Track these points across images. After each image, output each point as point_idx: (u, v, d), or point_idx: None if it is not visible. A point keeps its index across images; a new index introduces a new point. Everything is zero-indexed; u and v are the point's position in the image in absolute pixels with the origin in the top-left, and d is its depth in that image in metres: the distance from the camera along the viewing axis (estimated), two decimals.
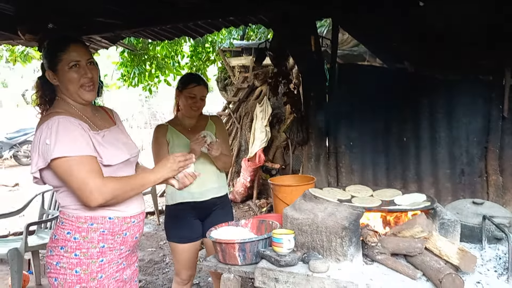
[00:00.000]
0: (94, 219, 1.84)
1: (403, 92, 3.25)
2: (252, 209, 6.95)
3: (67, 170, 1.74)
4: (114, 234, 1.88)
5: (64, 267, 1.83)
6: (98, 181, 1.75)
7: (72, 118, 1.82)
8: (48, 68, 1.88)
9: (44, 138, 1.75)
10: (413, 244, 1.86)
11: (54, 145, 1.72)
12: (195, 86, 2.75)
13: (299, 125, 3.50)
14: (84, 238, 1.83)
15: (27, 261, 4.28)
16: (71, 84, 1.86)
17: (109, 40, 4.51)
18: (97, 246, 1.85)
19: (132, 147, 2.05)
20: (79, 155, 1.74)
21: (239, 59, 8.10)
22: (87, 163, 1.76)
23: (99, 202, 1.76)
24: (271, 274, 1.89)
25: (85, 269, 1.83)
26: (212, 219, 2.79)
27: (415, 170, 3.30)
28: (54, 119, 1.78)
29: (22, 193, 8.69)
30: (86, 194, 1.75)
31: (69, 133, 1.76)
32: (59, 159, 1.73)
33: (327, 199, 2.14)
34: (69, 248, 1.83)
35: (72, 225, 1.83)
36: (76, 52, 1.86)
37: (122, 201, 1.85)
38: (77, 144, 1.76)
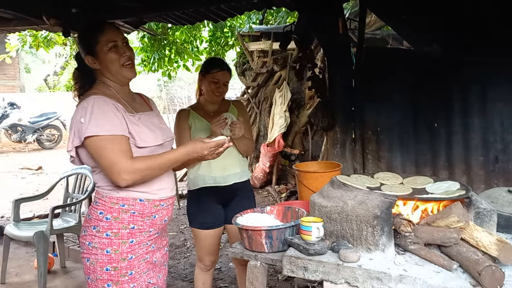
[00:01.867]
0: (125, 200, 1.87)
1: (433, 75, 3.14)
2: (271, 194, 6.94)
3: (98, 148, 1.78)
4: (144, 216, 1.91)
5: (95, 247, 1.86)
6: (127, 162, 1.77)
7: (108, 98, 1.85)
8: (87, 54, 1.90)
9: (80, 116, 1.79)
10: (449, 234, 1.80)
11: (88, 123, 1.76)
12: (218, 71, 2.71)
13: (324, 110, 3.44)
14: (115, 218, 1.86)
15: (52, 244, 4.35)
16: (112, 65, 1.89)
17: (131, 25, 4.49)
18: (127, 227, 1.87)
19: (167, 132, 2.06)
20: (111, 134, 1.77)
21: (258, 43, 8.02)
22: (118, 142, 1.79)
23: (127, 182, 1.80)
24: (299, 262, 1.85)
25: (115, 249, 1.86)
26: (235, 205, 2.77)
27: (446, 157, 3.21)
28: (89, 98, 1.82)
29: (45, 176, 8.85)
30: (115, 174, 1.78)
31: (103, 112, 1.79)
32: (92, 138, 1.76)
33: (356, 186, 2.08)
34: (101, 228, 1.86)
35: (104, 206, 1.87)
36: (112, 33, 1.90)
37: (151, 179, 1.88)
38: (110, 123, 1.78)
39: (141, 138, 1.86)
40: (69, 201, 4.20)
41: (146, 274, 1.96)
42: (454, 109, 3.18)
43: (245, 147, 2.79)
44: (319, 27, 3.33)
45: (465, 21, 3.06)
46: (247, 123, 2.90)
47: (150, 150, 1.89)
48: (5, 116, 12.15)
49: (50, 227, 3.70)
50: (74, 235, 4.39)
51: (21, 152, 12.29)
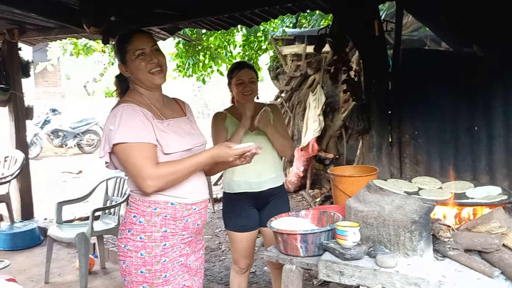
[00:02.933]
0: (157, 204, 1.90)
1: (473, 77, 3.05)
2: (305, 199, 6.90)
3: (125, 155, 1.84)
4: (176, 220, 1.93)
5: (130, 250, 1.90)
6: (151, 169, 1.81)
7: (137, 106, 1.90)
8: (120, 63, 1.99)
9: (109, 124, 1.86)
10: (490, 240, 1.75)
11: (116, 131, 1.82)
12: (239, 71, 2.76)
13: (360, 114, 3.40)
14: (148, 222, 1.90)
15: (92, 245, 4.48)
16: (140, 72, 1.95)
17: (167, 31, 4.59)
18: (160, 231, 1.91)
19: (198, 137, 2.08)
20: (137, 141, 1.82)
21: (292, 47, 8.01)
22: (144, 150, 1.83)
23: (152, 189, 1.84)
24: (335, 267, 1.84)
25: (149, 252, 1.89)
26: (269, 209, 2.78)
27: (486, 161, 3.10)
28: (119, 107, 1.89)
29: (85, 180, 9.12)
30: (140, 181, 1.83)
31: (131, 120, 1.84)
32: (119, 145, 1.83)
33: (393, 191, 2.06)
34: (135, 231, 1.90)
35: (138, 209, 1.92)
36: (139, 41, 1.95)
37: (178, 184, 1.90)
38: (136, 131, 1.84)
39: (167, 145, 1.89)
40: (109, 203, 4.31)
41: (181, 276, 1.98)
42: (496, 111, 3.07)
43: (281, 146, 2.80)
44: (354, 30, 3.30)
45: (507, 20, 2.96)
46: (282, 125, 2.92)
47: (178, 156, 1.91)
48: (47, 122, 12.60)
49: (91, 229, 3.81)
50: (114, 236, 4.50)
51: (62, 156, 12.69)
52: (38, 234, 5.10)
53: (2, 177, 5.30)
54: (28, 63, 5.65)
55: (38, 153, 11.85)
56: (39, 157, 11.78)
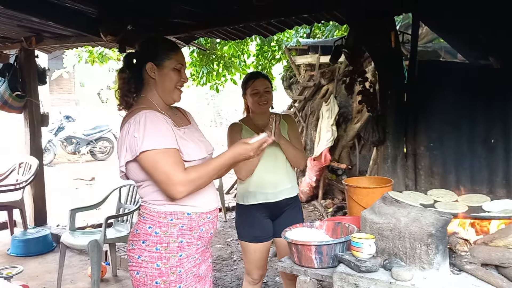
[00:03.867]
0: (173, 215, 1.89)
1: (490, 89, 3.02)
2: (317, 209, 6.87)
3: (154, 163, 1.80)
4: (192, 230, 1.93)
5: (145, 261, 1.89)
6: (182, 174, 1.80)
7: (158, 112, 1.90)
8: (151, 61, 1.95)
9: (133, 131, 1.82)
10: (507, 254, 1.73)
11: (142, 138, 1.79)
12: (254, 81, 2.76)
13: (375, 125, 3.38)
14: (164, 232, 1.89)
15: (104, 253, 4.49)
16: (170, 83, 1.97)
17: (183, 40, 4.63)
18: (177, 241, 1.90)
19: (208, 145, 2.10)
20: (165, 147, 1.81)
21: (305, 57, 8.03)
22: (172, 156, 1.82)
23: (182, 194, 1.82)
24: (350, 279, 1.83)
25: (165, 263, 1.88)
26: (283, 219, 2.77)
27: (503, 174, 3.06)
28: (141, 113, 1.85)
29: (97, 187, 9.18)
30: (171, 187, 1.81)
31: (156, 127, 1.83)
32: (147, 152, 1.79)
33: (409, 203, 2.04)
34: (150, 242, 1.89)
35: (153, 220, 1.90)
36: (182, 57, 2.01)
37: (201, 189, 1.90)
38: (163, 137, 1.83)
39: (187, 152, 1.89)
40: (121, 211, 4.33)
41: (194, 287, 1.98)
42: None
43: (294, 158, 2.79)
44: (370, 41, 3.30)
45: None
46: (296, 134, 2.92)
47: (195, 163, 1.91)
48: (61, 129, 12.74)
49: (104, 237, 3.82)
50: (126, 244, 4.50)
51: (75, 163, 12.81)
52: (51, 240, 5.14)
53: (17, 183, 5.36)
54: (45, 71, 5.73)
55: (52, 160, 11.97)
56: (52, 163, 11.89)
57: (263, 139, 1.92)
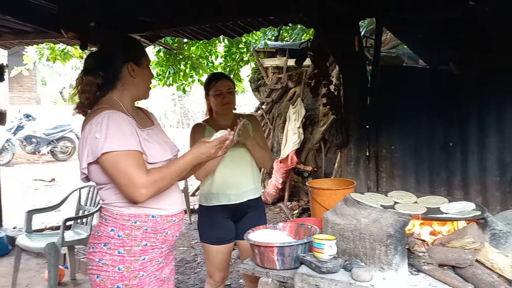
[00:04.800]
0: (137, 217, 1.84)
1: (449, 94, 3.12)
2: (283, 211, 6.89)
3: (115, 164, 1.75)
4: (157, 233, 1.89)
5: (107, 264, 1.83)
6: (144, 177, 1.75)
7: (122, 113, 1.84)
8: (132, 60, 1.92)
9: (94, 132, 1.76)
10: (463, 255, 1.77)
11: (104, 139, 1.73)
12: (217, 82, 2.74)
13: (339, 127, 3.43)
14: (127, 236, 1.83)
15: (62, 256, 4.36)
16: (146, 82, 2.00)
17: (148, 39, 4.55)
18: (140, 244, 1.85)
19: (173, 146, 2.05)
20: (127, 149, 1.76)
21: (273, 60, 8.07)
22: (135, 158, 1.77)
23: (145, 197, 1.78)
24: (311, 280, 1.83)
25: (127, 266, 1.83)
26: (246, 221, 2.75)
27: (461, 177, 3.16)
28: (104, 113, 1.79)
29: (58, 188, 8.92)
30: (133, 190, 1.76)
31: (119, 128, 1.77)
32: (108, 154, 1.74)
33: (370, 204, 2.06)
34: (112, 245, 1.83)
35: (116, 223, 1.84)
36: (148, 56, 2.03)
37: (164, 191, 1.86)
38: (126, 139, 1.77)
39: (151, 154, 1.85)
40: (81, 213, 4.22)
41: None
42: (470, 128, 3.14)
43: (261, 158, 2.78)
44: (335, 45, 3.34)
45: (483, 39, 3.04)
46: (262, 136, 2.91)
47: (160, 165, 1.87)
48: (20, 128, 12.32)
49: (62, 239, 3.71)
50: (85, 247, 4.38)
51: (35, 163, 12.43)
52: (6, 243, 4.95)
53: None
54: (2, 67, 5.50)
55: (10, 160, 11.58)
56: (10, 163, 11.52)
57: (223, 136, 1.91)
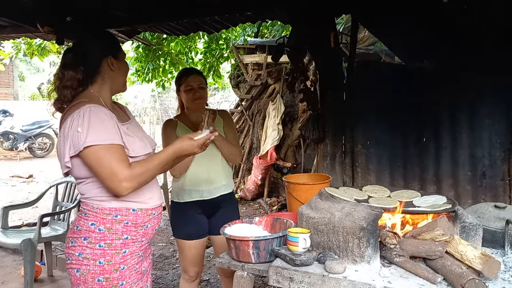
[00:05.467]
0: (118, 211, 1.85)
1: (423, 91, 3.17)
2: (262, 207, 6.92)
3: (98, 159, 1.75)
4: (137, 226, 1.90)
5: (87, 258, 1.83)
6: (127, 170, 1.76)
7: (102, 107, 1.84)
8: (111, 54, 1.93)
9: (76, 125, 1.75)
10: (434, 247, 1.81)
11: (86, 133, 1.73)
12: (188, 77, 2.73)
13: (315, 123, 3.46)
14: (108, 229, 1.84)
15: (39, 252, 4.32)
16: (124, 75, 2.02)
17: (125, 34, 4.50)
18: (121, 238, 1.86)
19: (151, 140, 2.08)
20: (110, 143, 1.76)
21: (253, 56, 8.07)
22: (117, 152, 1.78)
23: (128, 190, 1.78)
24: (285, 273, 1.85)
25: (108, 260, 1.84)
26: (219, 216, 2.76)
27: (434, 171, 3.22)
28: (86, 107, 1.78)
29: (36, 185, 8.79)
30: (116, 184, 1.76)
31: (101, 122, 1.77)
32: (91, 147, 1.74)
33: (344, 198, 2.10)
34: (93, 239, 1.83)
35: (96, 217, 1.84)
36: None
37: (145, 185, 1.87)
38: (108, 132, 1.77)
39: (132, 148, 1.85)
40: (58, 209, 4.17)
41: (136, 284, 1.94)
42: (443, 124, 3.20)
43: (230, 154, 2.78)
44: (311, 41, 3.36)
45: (457, 37, 3.11)
46: (233, 131, 2.91)
47: (141, 159, 1.88)
48: None
49: (38, 235, 3.67)
50: (63, 243, 4.34)
51: (12, 160, 12.21)
52: None
53: None
54: None
55: None
56: None
57: (207, 136, 1.93)
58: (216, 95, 19.59)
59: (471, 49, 3.04)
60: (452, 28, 3.03)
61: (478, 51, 3.01)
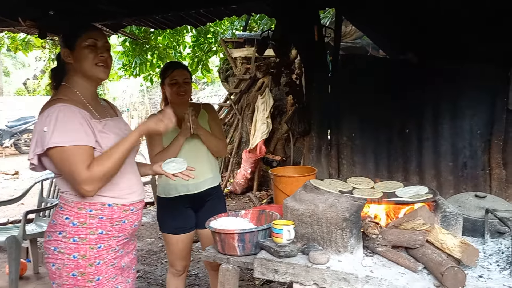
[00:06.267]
0: (92, 205, 1.85)
1: (406, 83, 3.19)
2: (252, 200, 6.94)
3: (60, 160, 1.75)
4: (113, 221, 1.89)
5: (62, 252, 1.83)
6: (86, 173, 1.74)
7: (74, 106, 1.81)
8: (65, 46, 1.90)
9: (43, 125, 1.75)
10: (415, 236, 1.84)
11: (51, 133, 1.72)
12: (173, 71, 2.70)
13: (301, 116, 3.47)
14: (82, 224, 1.84)
15: (25, 249, 4.28)
16: (86, 61, 1.88)
17: (110, 28, 4.46)
18: (96, 232, 1.85)
19: None
20: (74, 144, 1.74)
21: (241, 50, 8.04)
22: (81, 153, 1.76)
23: (91, 193, 1.78)
24: (270, 265, 1.87)
25: (83, 254, 1.83)
26: (206, 210, 2.76)
27: (417, 162, 3.25)
28: (55, 107, 1.78)
29: (21, 181, 8.70)
30: (77, 187, 1.77)
31: (68, 122, 1.75)
32: (54, 149, 1.73)
33: (328, 190, 2.11)
34: (67, 233, 1.83)
35: (71, 211, 1.84)
36: (96, 33, 1.93)
37: (115, 173, 1.85)
38: (75, 133, 1.75)
39: (107, 146, 1.84)
40: (44, 205, 4.14)
41: (114, 279, 1.94)
42: (425, 115, 3.23)
43: (215, 147, 2.78)
44: (295, 34, 3.36)
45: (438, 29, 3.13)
46: (218, 125, 2.90)
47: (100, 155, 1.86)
48: None
49: (23, 232, 3.63)
50: None
51: None
52: None
53: None
54: None
55: None
56: None
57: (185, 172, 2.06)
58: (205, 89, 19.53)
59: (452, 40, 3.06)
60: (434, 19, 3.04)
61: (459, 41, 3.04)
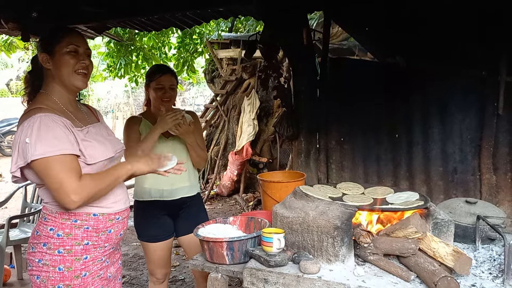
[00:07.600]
0: (78, 216, 1.79)
1: (395, 86, 3.19)
2: (238, 203, 6.91)
3: (46, 170, 1.68)
4: (99, 231, 1.84)
5: (47, 265, 1.77)
6: (75, 183, 1.69)
7: (55, 115, 1.75)
8: (43, 51, 1.83)
9: (25, 136, 1.68)
10: (407, 245, 1.82)
11: (34, 144, 1.66)
12: (161, 76, 2.64)
13: (289, 120, 3.44)
14: (67, 235, 1.78)
15: (9, 255, 4.19)
16: (65, 68, 1.82)
17: (94, 30, 4.38)
18: (81, 243, 1.80)
19: (117, 143, 1.99)
20: (58, 154, 1.68)
21: (227, 51, 8.02)
22: (66, 163, 1.70)
23: (76, 204, 1.71)
24: (260, 274, 1.84)
25: (68, 266, 1.78)
26: (184, 218, 2.71)
27: (406, 167, 3.26)
28: (35, 117, 1.71)
29: (5, 184, 8.54)
30: (63, 196, 1.69)
31: (50, 132, 1.69)
32: (39, 160, 1.66)
33: (318, 197, 2.09)
34: (52, 245, 1.77)
35: (55, 222, 1.78)
36: (77, 38, 1.87)
37: (100, 198, 1.81)
38: (58, 143, 1.69)
39: (89, 154, 1.78)
40: (28, 210, 4.06)
41: None
42: (415, 120, 3.23)
43: (198, 157, 2.71)
44: (283, 37, 3.34)
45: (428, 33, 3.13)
46: (200, 134, 2.83)
47: (101, 165, 1.82)
48: None
49: (6, 238, 3.56)
50: None
51: None
52: None
53: None
54: None
55: None
56: None
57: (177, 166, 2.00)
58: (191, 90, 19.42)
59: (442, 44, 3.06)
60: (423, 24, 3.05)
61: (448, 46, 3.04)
